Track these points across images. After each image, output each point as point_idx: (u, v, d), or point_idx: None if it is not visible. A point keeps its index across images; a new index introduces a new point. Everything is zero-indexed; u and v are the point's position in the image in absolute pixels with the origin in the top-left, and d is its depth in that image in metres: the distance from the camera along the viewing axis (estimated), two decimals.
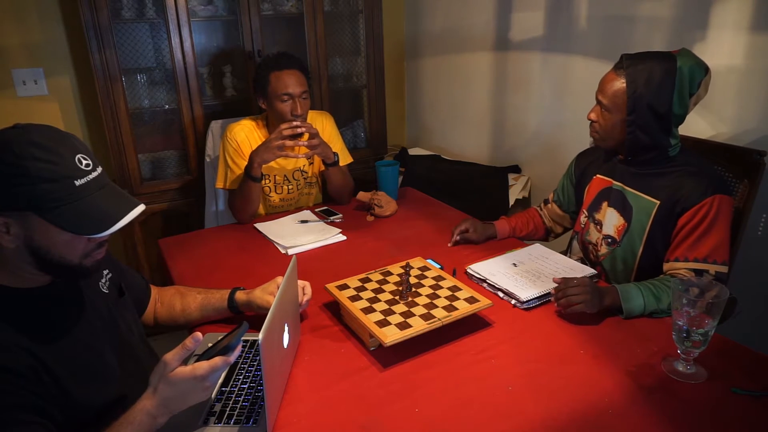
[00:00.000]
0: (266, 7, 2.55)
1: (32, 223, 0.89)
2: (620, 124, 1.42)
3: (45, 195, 0.87)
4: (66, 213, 0.88)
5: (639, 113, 1.37)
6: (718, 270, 1.34)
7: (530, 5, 2.46)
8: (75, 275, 0.99)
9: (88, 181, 0.91)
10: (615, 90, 1.40)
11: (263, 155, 1.86)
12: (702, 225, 1.35)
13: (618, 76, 1.40)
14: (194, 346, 0.93)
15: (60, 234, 0.90)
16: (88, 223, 0.90)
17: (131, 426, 0.91)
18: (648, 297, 1.30)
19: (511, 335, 1.27)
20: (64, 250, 0.93)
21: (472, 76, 2.89)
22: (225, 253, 1.75)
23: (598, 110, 1.47)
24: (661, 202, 1.42)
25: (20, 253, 0.91)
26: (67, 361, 0.95)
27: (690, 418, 1.01)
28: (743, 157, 1.59)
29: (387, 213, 2.00)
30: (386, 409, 1.05)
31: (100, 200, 0.92)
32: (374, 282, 1.38)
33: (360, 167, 2.64)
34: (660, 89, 1.35)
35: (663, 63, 1.35)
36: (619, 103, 1.40)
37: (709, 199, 1.34)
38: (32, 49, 2.45)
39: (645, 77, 1.35)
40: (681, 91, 1.35)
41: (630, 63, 1.38)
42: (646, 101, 1.36)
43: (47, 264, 0.93)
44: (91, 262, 0.98)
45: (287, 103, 1.92)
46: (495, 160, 2.86)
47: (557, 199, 1.80)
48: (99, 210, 0.91)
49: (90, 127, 2.64)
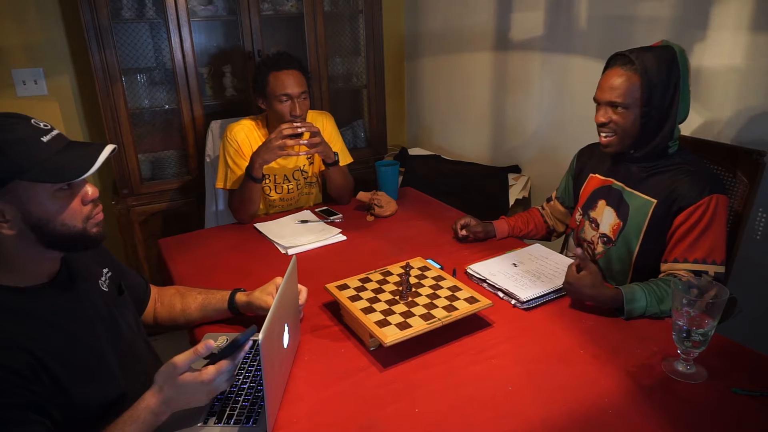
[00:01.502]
0: (266, 7, 2.55)
1: (21, 195, 0.90)
2: (638, 118, 1.41)
3: (20, 158, 0.89)
4: (46, 168, 0.91)
5: (654, 103, 1.38)
6: (717, 270, 1.34)
7: (530, 5, 2.46)
8: (82, 243, 1.00)
9: (52, 137, 0.94)
10: (629, 85, 1.39)
11: (264, 156, 1.86)
12: (699, 225, 1.35)
13: (626, 71, 1.39)
14: (205, 352, 0.95)
15: (51, 199, 0.92)
16: (69, 169, 0.93)
17: (135, 423, 0.92)
18: (651, 299, 1.30)
19: (511, 335, 1.27)
20: (63, 217, 0.94)
21: (472, 76, 2.89)
22: (225, 253, 1.75)
23: (608, 111, 1.43)
24: (658, 201, 1.42)
25: (22, 237, 0.92)
26: (66, 360, 0.95)
27: (690, 418, 1.01)
28: (743, 157, 1.59)
29: (387, 213, 2.00)
30: (386, 409, 1.05)
31: (72, 151, 0.96)
32: (374, 282, 1.38)
33: (360, 167, 2.64)
34: (670, 76, 1.37)
35: (663, 52, 1.38)
36: (637, 97, 1.39)
37: (706, 199, 1.34)
38: (32, 49, 2.45)
39: (655, 66, 1.36)
40: (684, 75, 1.38)
41: (636, 55, 1.38)
42: (660, 89, 1.37)
43: (52, 236, 0.94)
44: (93, 226, 1.00)
45: (286, 104, 1.92)
46: (495, 160, 2.86)
47: (560, 195, 1.80)
48: (74, 157, 0.94)
49: (90, 127, 2.65)
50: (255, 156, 1.88)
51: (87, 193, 0.99)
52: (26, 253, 0.94)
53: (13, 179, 0.89)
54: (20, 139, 0.90)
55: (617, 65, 1.42)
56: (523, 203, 2.61)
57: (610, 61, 1.45)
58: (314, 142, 1.89)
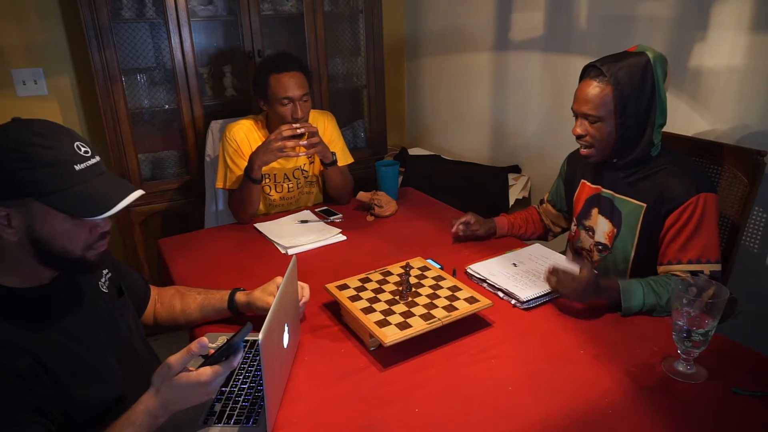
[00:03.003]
0: (266, 7, 2.54)
1: (33, 211, 0.89)
2: (614, 130, 1.41)
3: (45, 179, 0.88)
4: (65, 197, 0.89)
5: (629, 113, 1.37)
6: (712, 269, 1.34)
7: (530, 5, 2.46)
8: (77, 268, 0.99)
9: (87, 166, 0.92)
10: (602, 97, 1.38)
11: (263, 157, 1.86)
12: (690, 225, 1.35)
13: (599, 83, 1.38)
14: (199, 351, 0.93)
15: (61, 222, 0.91)
16: (87, 206, 0.91)
17: (133, 426, 0.91)
18: (648, 293, 1.30)
19: (511, 335, 1.27)
20: (65, 241, 0.93)
21: (472, 76, 2.89)
22: (225, 253, 1.75)
23: (585, 124, 1.44)
24: (648, 204, 1.42)
25: (22, 247, 0.91)
26: (66, 361, 0.95)
27: (690, 418, 1.01)
28: (743, 157, 1.59)
29: (387, 213, 2.00)
30: (386, 409, 1.05)
31: (99, 185, 0.93)
32: (374, 282, 1.38)
33: (360, 167, 2.64)
34: (643, 85, 1.35)
35: (636, 59, 1.36)
36: (610, 109, 1.38)
37: (694, 198, 1.34)
38: (32, 49, 2.45)
39: (627, 76, 1.35)
40: (659, 82, 1.37)
41: (608, 67, 1.37)
42: (633, 99, 1.36)
43: (49, 256, 0.93)
44: (93, 255, 0.98)
45: (287, 107, 1.92)
46: (495, 160, 2.86)
47: (551, 198, 1.80)
48: (98, 194, 0.92)
49: (90, 127, 2.64)
50: (254, 157, 1.88)
51: (98, 226, 0.96)
52: (25, 261, 0.94)
53: (30, 197, 0.88)
54: (54, 160, 0.88)
55: (589, 77, 1.41)
56: (523, 203, 2.61)
57: (584, 72, 1.44)
58: (313, 142, 1.89)
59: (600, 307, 1.35)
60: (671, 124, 1.94)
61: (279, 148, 1.84)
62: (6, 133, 0.88)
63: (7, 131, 0.89)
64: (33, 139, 0.88)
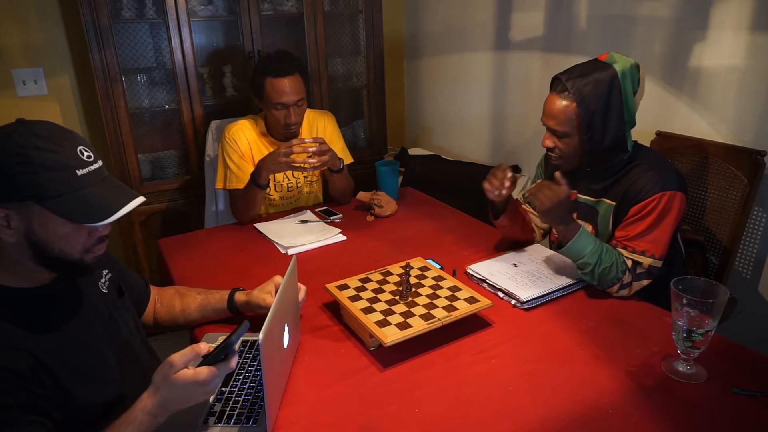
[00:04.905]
0: (266, 7, 2.54)
1: (33, 214, 0.89)
2: (581, 144, 1.41)
3: (47, 183, 0.87)
4: (67, 202, 0.89)
5: (596, 128, 1.37)
6: (652, 264, 1.37)
7: (530, 5, 2.46)
8: (75, 271, 0.99)
9: (89, 171, 0.92)
10: (567, 114, 1.38)
11: (271, 167, 1.86)
12: (647, 219, 1.37)
13: (564, 99, 1.38)
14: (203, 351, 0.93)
15: (60, 226, 0.91)
16: (88, 212, 0.91)
17: (132, 425, 0.91)
18: (594, 252, 1.35)
19: (511, 335, 1.27)
20: (64, 244, 0.93)
21: (472, 76, 2.89)
22: (225, 253, 1.75)
23: (553, 137, 1.44)
24: (617, 202, 1.45)
25: (20, 248, 0.91)
26: (66, 361, 0.95)
27: (690, 418, 1.01)
28: (743, 157, 1.59)
29: (387, 213, 2.00)
30: (386, 409, 1.05)
31: (101, 191, 0.93)
32: (374, 282, 1.38)
33: (360, 167, 2.64)
34: (609, 99, 1.35)
35: (602, 73, 1.35)
36: (576, 125, 1.39)
37: (658, 195, 1.36)
38: (32, 49, 2.45)
39: (592, 92, 1.35)
40: (627, 95, 1.36)
41: (572, 83, 1.36)
42: (599, 115, 1.36)
43: (47, 259, 0.93)
44: (91, 258, 0.98)
45: (281, 112, 1.93)
46: (495, 160, 2.86)
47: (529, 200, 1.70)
48: (99, 200, 0.92)
49: (90, 127, 2.64)
50: (261, 165, 1.87)
51: (97, 230, 0.96)
52: (23, 262, 0.94)
53: (31, 200, 0.88)
54: (56, 165, 0.88)
55: (555, 91, 1.41)
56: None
57: (552, 83, 1.43)
58: (323, 160, 1.87)
59: (600, 307, 1.36)
60: (671, 124, 1.95)
61: (287, 163, 1.84)
62: (9, 135, 0.88)
63: (10, 133, 0.88)
64: (36, 142, 0.88)
